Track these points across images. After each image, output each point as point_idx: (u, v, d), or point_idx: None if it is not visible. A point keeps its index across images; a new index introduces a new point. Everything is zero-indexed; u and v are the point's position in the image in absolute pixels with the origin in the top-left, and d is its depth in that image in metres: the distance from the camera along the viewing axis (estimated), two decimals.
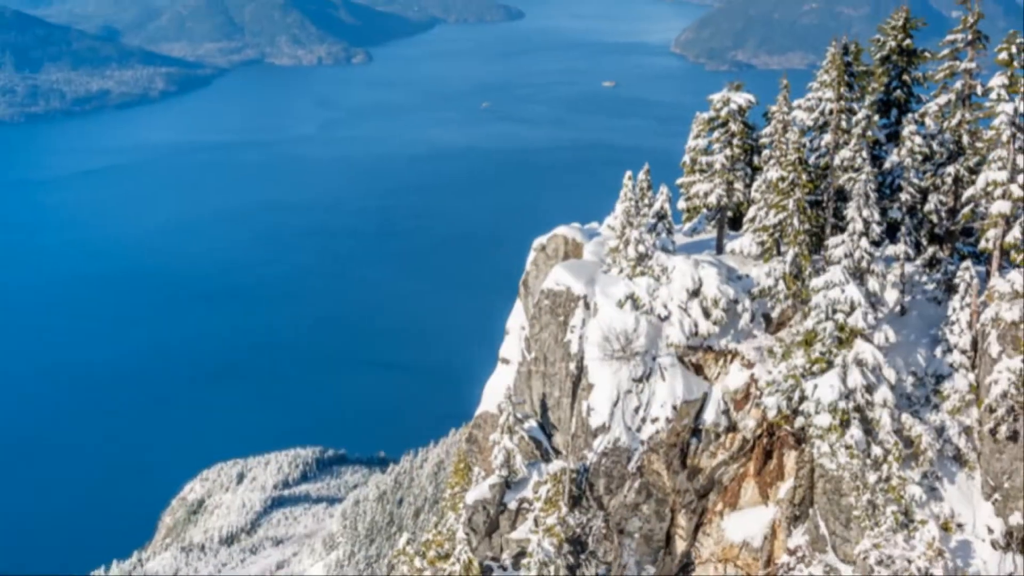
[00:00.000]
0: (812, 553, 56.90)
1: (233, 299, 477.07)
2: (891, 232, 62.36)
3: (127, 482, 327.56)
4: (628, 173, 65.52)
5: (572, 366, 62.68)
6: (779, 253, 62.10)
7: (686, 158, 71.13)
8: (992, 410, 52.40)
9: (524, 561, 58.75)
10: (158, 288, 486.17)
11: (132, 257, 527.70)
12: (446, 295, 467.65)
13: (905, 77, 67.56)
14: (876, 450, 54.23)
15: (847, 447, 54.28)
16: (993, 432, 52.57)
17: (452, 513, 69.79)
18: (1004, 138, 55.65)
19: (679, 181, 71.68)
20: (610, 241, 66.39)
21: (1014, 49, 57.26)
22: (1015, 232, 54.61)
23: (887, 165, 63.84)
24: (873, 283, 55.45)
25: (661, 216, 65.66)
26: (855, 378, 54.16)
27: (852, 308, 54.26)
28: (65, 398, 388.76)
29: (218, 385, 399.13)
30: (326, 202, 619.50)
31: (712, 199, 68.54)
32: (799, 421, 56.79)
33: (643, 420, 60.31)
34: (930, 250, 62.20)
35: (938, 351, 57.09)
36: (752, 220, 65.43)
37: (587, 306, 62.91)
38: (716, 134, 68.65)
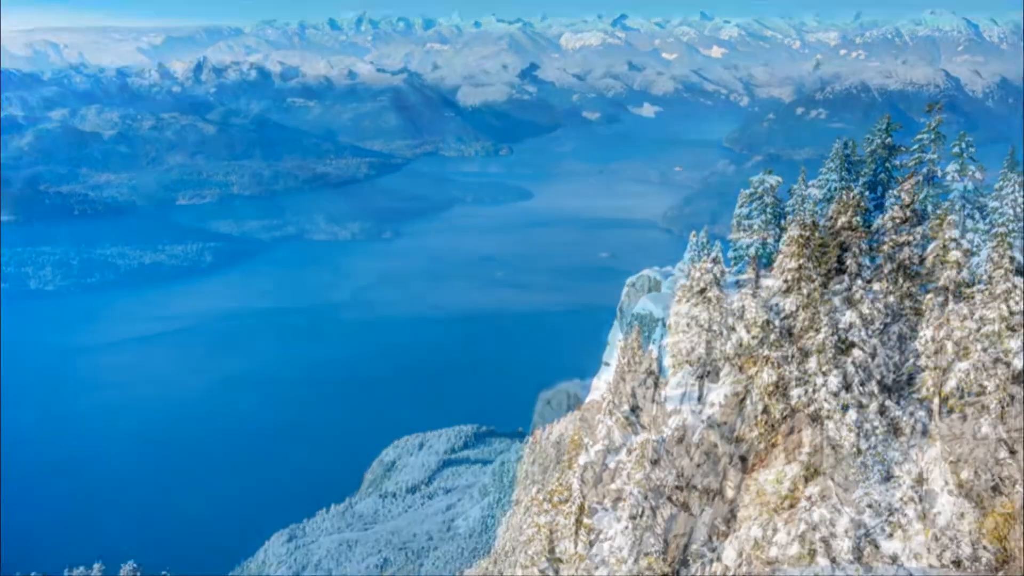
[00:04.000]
0: (822, 500, 57.64)
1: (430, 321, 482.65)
2: (877, 273, 63.16)
3: (342, 448, 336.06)
4: (693, 232, 66.91)
5: (653, 367, 64.02)
6: (799, 289, 62.86)
7: (733, 221, 71.91)
8: (948, 399, 53.08)
9: (620, 504, 59.95)
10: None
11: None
12: (567, 318, 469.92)
13: (887, 164, 68.00)
14: (867, 427, 54.97)
15: (847, 425, 55.17)
16: (949, 414, 53.19)
17: (570, 471, 70.94)
18: (956, 207, 56.78)
19: (729, 237, 72.44)
20: (680, 279, 67.71)
21: (963, 145, 58.45)
22: (964, 273, 55.55)
23: (874, 227, 64.47)
24: (864, 309, 56.42)
25: (716, 262, 66.95)
26: (853, 376, 55.17)
27: (850, 327, 55.36)
28: (306, 395, 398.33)
29: (408, 386, 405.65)
30: None
31: (752, 250, 69.48)
32: (813, 407, 57.73)
33: (703, 405, 61.46)
34: (905, 286, 62.71)
35: (911, 357, 57.68)
36: (779, 265, 66.16)
37: (664, 325, 64.18)
38: (754, 204, 69.62)
